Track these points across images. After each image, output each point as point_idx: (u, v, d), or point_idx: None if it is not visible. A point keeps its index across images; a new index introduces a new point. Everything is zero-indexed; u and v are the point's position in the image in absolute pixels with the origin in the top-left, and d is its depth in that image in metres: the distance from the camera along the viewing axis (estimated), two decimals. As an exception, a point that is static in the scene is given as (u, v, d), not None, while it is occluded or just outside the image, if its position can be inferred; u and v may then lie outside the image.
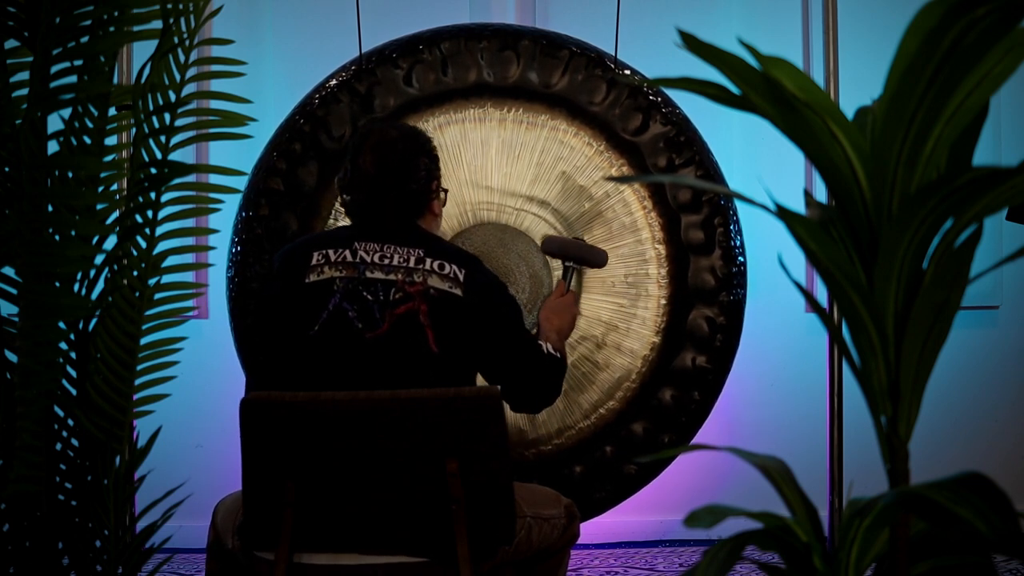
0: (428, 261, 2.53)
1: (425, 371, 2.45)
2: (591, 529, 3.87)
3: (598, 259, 3.17)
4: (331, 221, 3.27)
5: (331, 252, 2.56)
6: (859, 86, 2.80)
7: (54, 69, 2.06)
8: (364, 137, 2.65)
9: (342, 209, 3.26)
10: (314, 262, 2.55)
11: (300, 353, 2.50)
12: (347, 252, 2.55)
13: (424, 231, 2.64)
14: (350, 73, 3.30)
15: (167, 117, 2.17)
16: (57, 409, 2.16)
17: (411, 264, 2.53)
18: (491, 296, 2.57)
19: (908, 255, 1.26)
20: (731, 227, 3.30)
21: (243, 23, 4.15)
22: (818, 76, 3.39)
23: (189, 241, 3.70)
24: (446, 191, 2.76)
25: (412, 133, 2.70)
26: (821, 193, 3.98)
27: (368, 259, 2.53)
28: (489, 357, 2.58)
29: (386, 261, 2.53)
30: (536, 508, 2.54)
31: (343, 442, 2.27)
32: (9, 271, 2.14)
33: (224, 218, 2.90)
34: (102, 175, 2.18)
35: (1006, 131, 4.21)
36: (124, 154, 2.30)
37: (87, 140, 2.15)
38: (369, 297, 2.50)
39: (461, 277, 2.53)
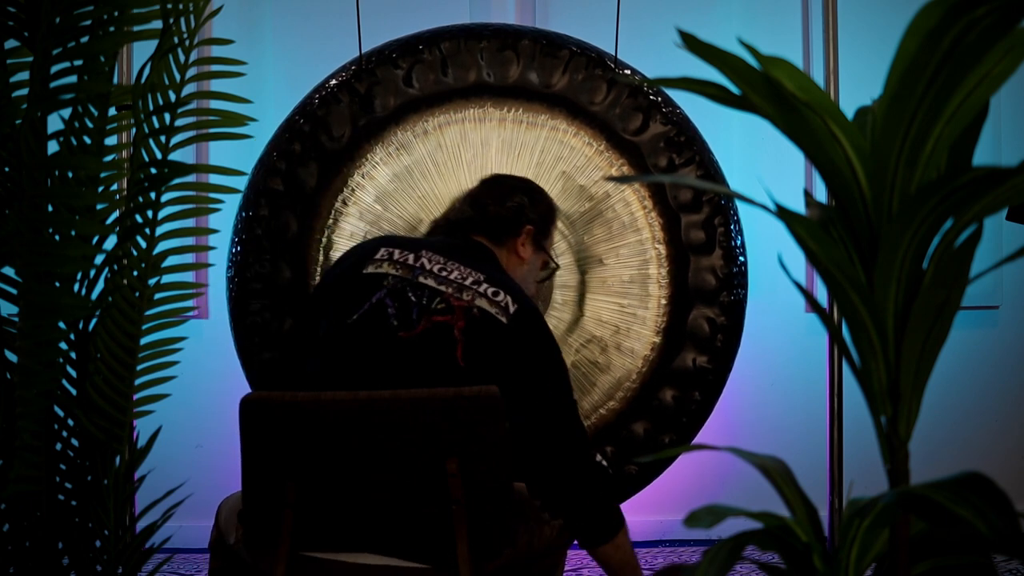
0: (485, 286, 2.52)
1: (448, 381, 2.40)
2: (591, 529, 3.87)
3: None
4: (330, 221, 3.27)
5: (396, 252, 2.58)
6: (859, 86, 2.80)
7: (54, 69, 2.06)
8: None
9: (342, 209, 3.27)
10: (378, 256, 2.58)
11: (333, 339, 2.52)
12: (411, 255, 2.57)
13: (498, 263, 2.68)
14: (350, 73, 3.30)
15: (167, 117, 2.17)
16: (57, 409, 2.16)
17: (466, 283, 2.53)
18: (538, 338, 2.51)
19: (908, 255, 1.26)
20: (732, 227, 3.30)
21: (243, 23, 4.15)
22: (818, 76, 3.39)
23: (189, 241, 3.70)
24: (556, 267, 2.89)
25: (527, 181, 2.89)
26: (821, 193, 3.98)
27: (427, 267, 2.54)
28: (518, 395, 2.44)
29: (444, 273, 2.53)
30: (532, 506, 2.54)
31: (343, 442, 2.26)
32: (9, 271, 2.14)
33: (224, 218, 2.90)
34: (102, 175, 2.18)
35: (1006, 131, 4.21)
36: (124, 154, 2.30)
37: (87, 140, 2.15)
38: (412, 299, 2.50)
39: (511, 309, 2.50)
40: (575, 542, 2.69)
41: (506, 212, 2.74)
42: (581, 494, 2.49)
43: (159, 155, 2.17)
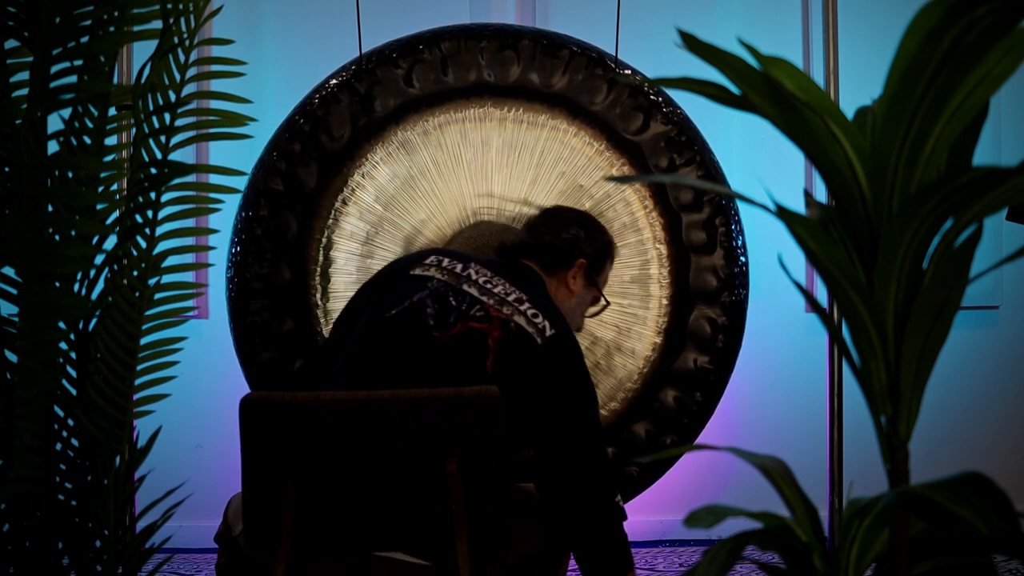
0: (526, 306, 2.54)
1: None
2: (591, 529, 3.86)
3: None
4: (330, 221, 3.27)
5: (446, 260, 2.63)
6: (859, 86, 2.80)
7: (54, 69, 2.06)
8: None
9: (342, 209, 3.27)
10: (427, 261, 2.64)
11: (369, 330, 2.56)
12: (459, 265, 2.62)
13: (544, 289, 2.68)
14: (350, 73, 3.30)
15: (167, 117, 2.17)
16: (57, 409, 2.16)
17: (509, 299, 2.55)
18: (570, 366, 2.52)
19: (908, 255, 1.26)
20: (733, 227, 3.30)
21: (243, 23, 4.15)
22: (818, 76, 3.39)
23: (189, 241, 3.70)
24: (607, 304, 2.85)
25: (586, 215, 2.90)
26: (821, 193, 3.98)
27: (473, 277, 2.58)
28: (542, 419, 2.47)
29: (488, 286, 2.57)
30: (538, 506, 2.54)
31: (343, 442, 2.27)
32: (9, 271, 2.14)
33: (224, 218, 2.90)
34: (102, 175, 2.18)
35: (1006, 131, 4.21)
36: (124, 154, 2.30)
37: (87, 140, 2.15)
38: (453, 303, 2.53)
39: (547, 332, 2.51)
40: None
41: (560, 243, 2.75)
42: (590, 530, 2.47)
43: (159, 155, 2.17)
